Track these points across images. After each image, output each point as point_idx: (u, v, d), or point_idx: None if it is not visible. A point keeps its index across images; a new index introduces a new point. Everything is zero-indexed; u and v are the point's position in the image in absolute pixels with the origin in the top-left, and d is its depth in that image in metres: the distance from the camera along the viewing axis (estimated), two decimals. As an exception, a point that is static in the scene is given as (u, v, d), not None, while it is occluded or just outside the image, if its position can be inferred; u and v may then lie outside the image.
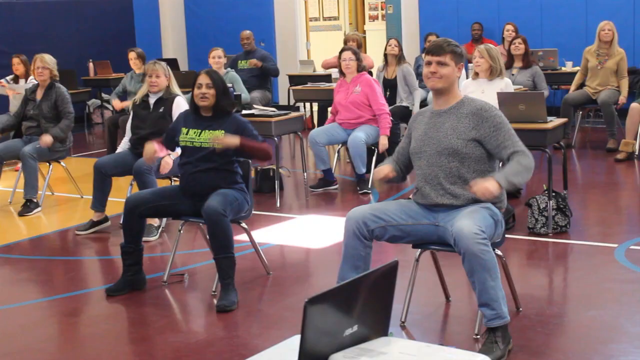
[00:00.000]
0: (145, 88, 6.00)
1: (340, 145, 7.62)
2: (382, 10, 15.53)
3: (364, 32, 16.03)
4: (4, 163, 7.08)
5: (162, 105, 5.90)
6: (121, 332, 4.25)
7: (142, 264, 4.71)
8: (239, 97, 7.66)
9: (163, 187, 4.92)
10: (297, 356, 2.00)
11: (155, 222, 5.88)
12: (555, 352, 3.70)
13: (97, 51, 12.77)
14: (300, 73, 11.38)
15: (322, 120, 9.68)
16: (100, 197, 6.01)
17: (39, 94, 6.94)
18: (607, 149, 8.48)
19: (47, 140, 6.72)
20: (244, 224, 4.75)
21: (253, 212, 4.89)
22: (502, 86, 6.46)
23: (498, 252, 3.76)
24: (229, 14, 13.61)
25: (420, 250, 3.97)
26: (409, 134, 3.96)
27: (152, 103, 5.95)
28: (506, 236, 4.03)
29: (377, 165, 7.18)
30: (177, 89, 6.06)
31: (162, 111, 5.87)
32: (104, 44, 12.98)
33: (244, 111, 7.11)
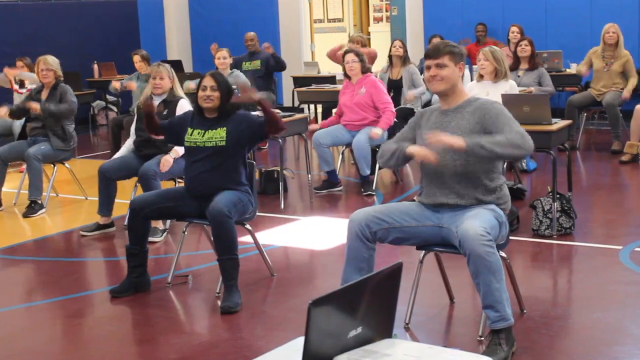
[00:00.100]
0: (149, 90, 6.01)
1: (345, 146, 7.62)
2: (386, 11, 15.53)
3: (368, 33, 16.04)
4: (9, 164, 7.10)
5: (166, 107, 5.90)
6: (125, 334, 4.25)
7: (146, 265, 4.72)
8: None
9: (167, 188, 4.92)
10: (301, 358, 2.00)
11: (160, 225, 5.89)
12: (560, 354, 3.70)
13: (101, 53, 12.80)
14: (305, 75, 11.39)
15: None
16: (106, 202, 6.01)
17: (44, 94, 6.94)
18: (611, 151, 8.47)
19: (34, 106, 6.72)
20: (248, 226, 4.75)
21: (257, 214, 4.89)
22: (506, 88, 6.47)
23: (502, 254, 3.75)
24: (233, 16, 13.62)
25: (424, 252, 3.97)
26: (412, 126, 3.93)
27: (156, 105, 5.95)
28: (510, 238, 4.02)
29: (381, 167, 7.25)
30: (181, 91, 6.07)
31: (165, 113, 5.87)
32: (109, 46, 13.01)
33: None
